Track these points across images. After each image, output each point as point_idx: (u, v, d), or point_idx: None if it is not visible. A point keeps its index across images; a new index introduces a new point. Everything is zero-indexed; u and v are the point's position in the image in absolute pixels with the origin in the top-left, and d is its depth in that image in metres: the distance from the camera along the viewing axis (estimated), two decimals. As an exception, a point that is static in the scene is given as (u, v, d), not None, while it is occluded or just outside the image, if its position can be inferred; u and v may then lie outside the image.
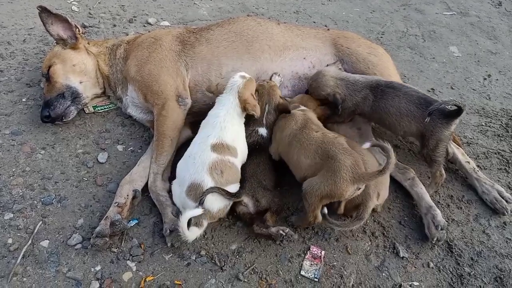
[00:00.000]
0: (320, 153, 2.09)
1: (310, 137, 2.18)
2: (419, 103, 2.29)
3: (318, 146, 2.12)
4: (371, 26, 4.35)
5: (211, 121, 2.26)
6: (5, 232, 2.17)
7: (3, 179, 2.42)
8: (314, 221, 2.11)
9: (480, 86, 3.59)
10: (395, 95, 2.36)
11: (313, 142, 2.15)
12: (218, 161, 2.11)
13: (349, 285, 2.07)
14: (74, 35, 2.82)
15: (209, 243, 2.20)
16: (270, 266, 2.12)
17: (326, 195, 1.99)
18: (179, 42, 2.75)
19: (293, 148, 2.22)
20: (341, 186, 1.95)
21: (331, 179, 1.97)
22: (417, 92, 2.35)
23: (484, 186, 2.53)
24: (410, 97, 2.32)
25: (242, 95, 2.28)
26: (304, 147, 2.16)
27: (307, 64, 2.80)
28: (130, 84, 2.71)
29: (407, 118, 2.32)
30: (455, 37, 4.29)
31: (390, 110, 2.36)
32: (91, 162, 2.58)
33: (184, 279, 2.03)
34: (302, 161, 2.15)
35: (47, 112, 2.67)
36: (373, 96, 2.43)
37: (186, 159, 2.20)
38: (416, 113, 2.29)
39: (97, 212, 2.30)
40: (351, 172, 1.95)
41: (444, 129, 2.25)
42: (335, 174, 1.96)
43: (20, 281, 1.98)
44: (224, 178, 2.09)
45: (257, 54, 2.72)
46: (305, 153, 2.15)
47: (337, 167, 1.97)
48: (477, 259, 2.24)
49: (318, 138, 2.16)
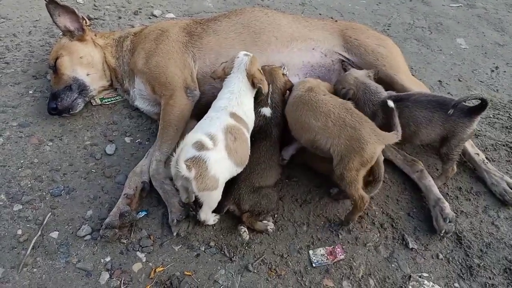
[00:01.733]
0: (333, 117, 2.08)
1: (318, 99, 2.18)
2: (432, 107, 2.21)
3: (329, 109, 2.11)
4: (378, 18, 4.32)
5: (226, 96, 2.23)
6: (14, 223, 2.18)
7: (11, 171, 2.43)
8: (363, 202, 2.10)
9: (487, 78, 3.56)
10: (404, 106, 2.25)
11: (322, 104, 2.15)
12: (234, 127, 2.07)
13: (359, 276, 2.07)
14: (81, 27, 2.81)
15: (218, 234, 2.20)
16: (279, 257, 2.12)
17: (360, 164, 2.02)
18: (186, 34, 2.73)
19: (299, 111, 2.21)
20: (370, 148, 2.00)
21: (358, 146, 2.00)
22: (426, 96, 2.28)
23: (493, 178, 2.52)
24: (421, 104, 2.23)
25: (250, 70, 2.28)
26: (313, 108, 2.15)
27: (318, 54, 2.78)
28: (138, 76, 2.70)
29: (425, 125, 2.22)
30: (462, 29, 4.26)
31: (404, 123, 2.20)
32: (99, 154, 2.58)
33: (194, 270, 2.04)
34: (312, 123, 2.13)
35: (54, 104, 2.66)
36: (382, 113, 2.27)
37: (202, 121, 2.15)
38: (432, 118, 2.21)
39: (106, 203, 2.31)
40: (373, 135, 2.01)
41: (466, 127, 2.19)
42: (360, 141, 2.00)
43: (30, 272, 1.99)
44: (235, 145, 2.02)
45: (264, 45, 2.71)
46: (314, 115, 2.13)
47: (359, 134, 2.01)
48: (486, 250, 2.23)
49: (328, 101, 2.16)
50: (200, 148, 1.89)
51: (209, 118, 2.14)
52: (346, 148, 2.03)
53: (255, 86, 2.28)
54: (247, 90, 2.28)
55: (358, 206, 2.12)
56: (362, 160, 2.01)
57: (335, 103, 2.15)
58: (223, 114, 2.12)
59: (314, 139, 2.15)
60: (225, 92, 2.25)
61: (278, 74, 2.48)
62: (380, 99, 2.32)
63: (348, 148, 2.02)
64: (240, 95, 2.22)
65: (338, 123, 2.07)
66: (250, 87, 2.29)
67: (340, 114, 2.09)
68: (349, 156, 2.01)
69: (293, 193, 2.43)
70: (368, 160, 2.02)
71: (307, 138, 2.20)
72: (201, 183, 1.88)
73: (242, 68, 2.29)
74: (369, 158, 2.02)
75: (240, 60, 2.31)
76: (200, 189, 1.90)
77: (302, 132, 2.23)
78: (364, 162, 2.02)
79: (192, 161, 1.86)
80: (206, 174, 1.88)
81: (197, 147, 1.89)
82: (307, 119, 2.16)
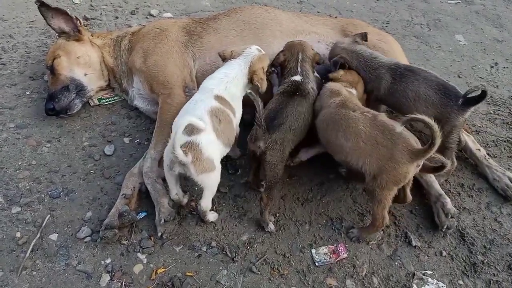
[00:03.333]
0: (364, 137, 2.01)
1: (349, 117, 2.09)
2: (438, 89, 2.24)
3: (360, 129, 2.02)
4: (376, 16, 4.30)
5: (219, 76, 2.23)
6: (13, 226, 2.15)
7: (9, 173, 2.40)
8: (382, 223, 2.05)
9: (487, 75, 3.55)
10: (415, 79, 2.31)
11: (353, 123, 2.06)
12: (219, 109, 2.09)
13: (362, 275, 2.05)
14: (76, 28, 2.79)
15: (220, 234, 2.17)
16: (282, 257, 2.10)
17: (393, 183, 1.96)
18: (185, 33, 2.71)
19: (329, 130, 2.16)
20: (403, 168, 1.92)
21: (391, 166, 1.93)
22: (437, 77, 2.30)
23: (495, 173, 2.51)
24: (429, 82, 2.27)
25: (254, 65, 2.27)
26: (343, 129, 2.07)
27: (323, 46, 2.76)
28: (136, 75, 2.68)
29: (424, 103, 2.27)
30: (461, 26, 4.25)
31: (408, 94, 2.31)
32: (97, 154, 2.55)
33: (196, 271, 2.01)
34: (343, 144, 2.07)
35: (52, 105, 2.64)
36: (391, 78, 2.37)
37: (187, 105, 2.16)
38: (434, 99, 2.24)
39: (106, 204, 2.28)
40: (406, 153, 1.91)
41: (459, 115, 2.21)
42: (393, 161, 1.93)
43: (30, 275, 1.96)
44: (221, 127, 2.05)
45: (269, 39, 2.70)
46: (345, 136, 2.06)
47: (392, 154, 1.93)
48: (490, 247, 2.22)
49: (358, 119, 2.06)
50: (191, 132, 1.93)
51: (194, 101, 2.15)
52: (378, 167, 1.97)
53: (252, 82, 2.26)
54: (241, 81, 2.26)
55: (376, 225, 2.08)
56: (395, 180, 1.95)
57: (365, 121, 2.04)
58: (208, 96, 2.13)
59: (346, 159, 2.11)
60: (220, 73, 2.26)
61: (307, 46, 2.50)
62: (383, 63, 2.41)
63: (380, 167, 1.96)
64: (232, 81, 2.22)
65: (370, 143, 1.99)
66: (246, 80, 2.27)
67: (371, 133, 2.00)
68: (382, 175, 1.96)
69: (294, 192, 2.41)
70: (402, 180, 1.97)
71: (339, 158, 2.18)
72: (199, 166, 1.93)
73: (248, 59, 2.29)
74: (402, 178, 1.96)
75: (250, 52, 2.31)
76: (199, 172, 1.94)
77: (334, 152, 2.20)
78: (397, 181, 1.96)
79: (186, 147, 1.90)
80: (201, 157, 1.93)
81: (188, 132, 1.92)
82: (338, 141, 2.10)
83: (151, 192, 2.27)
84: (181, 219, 2.22)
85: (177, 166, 1.95)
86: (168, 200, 2.21)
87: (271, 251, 2.12)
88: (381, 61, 2.45)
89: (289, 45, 2.51)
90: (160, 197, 2.23)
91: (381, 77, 2.39)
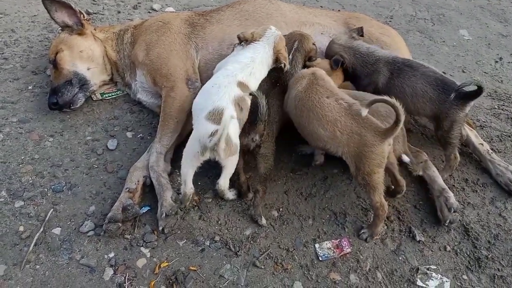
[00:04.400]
0: (340, 127, 2.02)
1: (323, 105, 2.08)
2: (436, 85, 2.23)
3: (336, 118, 2.03)
4: (379, 10, 4.27)
5: (244, 60, 2.20)
6: (16, 220, 2.15)
7: (12, 167, 2.39)
8: (384, 210, 2.07)
9: (491, 69, 3.53)
10: (412, 75, 2.30)
11: (327, 112, 2.05)
12: (241, 97, 2.06)
13: (366, 269, 2.05)
14: (79, 21, 2.78)
15: (223, 229, 2.17)
16: (285, 251, 2.09)
17: (376, 166, 1.99)
18: (188, 25, 2.70)
19: (303, 115, 2.14)
20: (378, 150, 1.96)
21: (366, 151, 1.97)
22: (435, 73, 2.29)
23: (498, 168, 2.49)
24: (427, 78, 2.27)
25: (277, 45, 2.27)
26: (319, 117, 2.07)
27: (326, 38, 2.75)
28: (139, 68, 2.67)
29: (422, 99, 2.27)
30: (465, 20, 4.22)
31: (405, 90, 2.31)
32: (100, 149, 2.55)
33: (199, 265, 2.01)
34: (321, 133, 2.07)
35: (55, 99, 2.63)
36: (389, 73, 2.37)
37: (209, 88, 2.12)
38: (432, 95, 2.24)
39: (109, 199, 2.27)
40: (377, 135, 1.96)
41: (459, 110, 2.21)
42: (367, 145, 1.97)
43: (33, 269, 1.96)
44: (242, 115, 2.06)
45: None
46: (321, 124, 2.06)
47: (365, 140, 1.97)
48: (494, 242, 2.20)
49: (334, 108, 2.06)
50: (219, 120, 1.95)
51: (217, 85, 2.09)
52: (357, 155, 2.00)
53: (279, 62, 2.26)
54: (266, 63, 2.26)
55: (379, 214, 2.08)
56: (376, 162, 1.98)
57: (340, 110, 2.05)
58: (231, 82, 2.09)
59: (324, 147, 2.13)
60: (246, 56, 2.22)
61: (308, 39, 2.49)
62: (381, 57, 2.42)
63: (358, 154, 1.99)
64: (257, 65, 2.21)
65: (346, 132, 2.01)
66: (270, 61, 2.27)
67: (346, 122, 2.02)
68: (363, 162, 1.99)
69: (297, 187, 2.40)
70: (382, 160, 2.00)
71: (317, 145, 2.19)
72: (228, 151, 1.99)
73: (271, 40, 2.28)
74: (381, 158, 1.99)
75: (272, 32, 2.30)
76: (227, 155, 2.00)
77: (311, 139, 2.18)
78: (379, 163, 1.99)
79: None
80: (231, 142, 1.99)
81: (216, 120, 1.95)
82: (315, 129, 2.10)
83: (156, 186, 2.26)
84: (184, 213, 2.22)
85: (209, 152, 1.98)
86: (171, 195, 2.20)
87: (275, 245, 2.11)
88: (378, 56, 2.45)
89: (291, 34, 2.51)
90: (164, 191, 2.22)
91: (378, 71, 2.39)
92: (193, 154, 2.03)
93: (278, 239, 2.14)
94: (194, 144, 2.01)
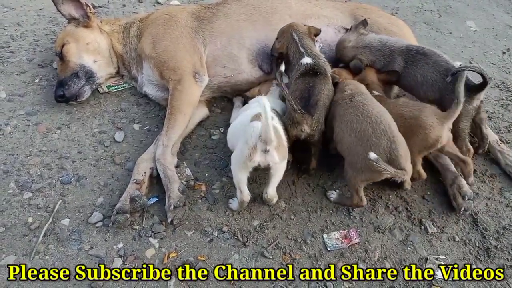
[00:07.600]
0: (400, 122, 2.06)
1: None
2: (445, 75, 2.20)
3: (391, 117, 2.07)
4: (386, 2, 4.24)
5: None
6: (25, 211, 2.16)
7: (20, 159, 2.40)
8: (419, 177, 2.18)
9: (499, 61, 3.50)
10: (425, 63, 2.30)
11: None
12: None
13: (374, 260, 2.04)
14: (86, 14, 2.77)
15: (231, 219, 2.17)
16: (294, 242, 2.09)
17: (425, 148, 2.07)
18: (195, 18, 2.69)
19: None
20: (435, 132, 2.03)
21: (421, 133, 2.04)
22: (447, 63, 2.27)
23: (507, 158, 2.48)
24: (439, 68, 2.25)
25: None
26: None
27: (332, 31, 2.74)
28: (145, 61, 2.66)
29: (431, 87, 2.26)
30: (472, 12, 4.18)
31: (417, 78, 2.30)
32: (108, 141, 2.55)
33: (208, 255, 2.01)
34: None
35: (61, 92, 2.63)
36: (403, 62, 2.36)
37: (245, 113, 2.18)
38: (441, 84, 2.22)
39: (117, 190, 2.28)
40: (435, 117, 2.04)
41: (466, 103, 2.15)
42: (421, 128, 2.04)
43: (43, 259, 1.97)
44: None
45: (280, 24, 2.65)
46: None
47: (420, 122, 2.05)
48: (503, 232, 2.19)
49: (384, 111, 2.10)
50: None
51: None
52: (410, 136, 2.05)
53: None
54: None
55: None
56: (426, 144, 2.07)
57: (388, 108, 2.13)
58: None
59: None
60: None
61: (297, 24, 2.49)
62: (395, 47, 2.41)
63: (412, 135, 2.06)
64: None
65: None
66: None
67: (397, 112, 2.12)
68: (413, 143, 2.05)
69: (305, 178, 2.39)
70: (433, 145, 2.07)
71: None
72: (280, 153, 1.93)
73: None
74: (434, 143, 2.06)
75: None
76: (280, 158, 1.93)
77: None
78: (429, 146, 2.07)
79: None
80: (282, 143, 1.97)
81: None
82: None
83: (163, 178, 2.27)
84: (191, 204, 2.22)
85: (259, 156, 1.88)
86: (178, 186, 2.21)
87: (283, 236, 2.11)
88: (392, 46, 2.44)
89: (281, 32, 2.51)
90: (171, 183, 2.22)
91: (394, 61, 2.39)
92: (242, 160, 1.93)
93: (286, 230, 2.14)
94: (242, 149, 1.92)
